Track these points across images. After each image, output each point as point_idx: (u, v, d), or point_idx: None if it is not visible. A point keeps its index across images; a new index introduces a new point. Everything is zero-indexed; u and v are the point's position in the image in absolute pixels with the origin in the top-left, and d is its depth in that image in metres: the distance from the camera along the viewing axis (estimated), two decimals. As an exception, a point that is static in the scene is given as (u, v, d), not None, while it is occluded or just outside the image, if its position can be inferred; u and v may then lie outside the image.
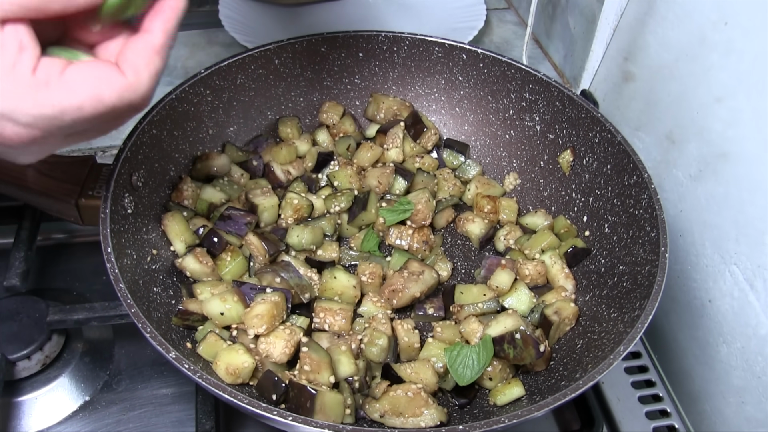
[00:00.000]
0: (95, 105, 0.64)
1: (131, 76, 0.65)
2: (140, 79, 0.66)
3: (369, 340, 0.99)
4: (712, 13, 1.11)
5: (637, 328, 0.88)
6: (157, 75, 0.68)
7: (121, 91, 0.65)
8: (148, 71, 0.66)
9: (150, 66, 0.66)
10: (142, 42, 0.67)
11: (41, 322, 1.06)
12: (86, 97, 0.63)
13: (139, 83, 0.66)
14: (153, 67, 0.67)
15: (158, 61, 0.67)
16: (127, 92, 0.65)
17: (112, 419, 1.07)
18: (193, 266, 1.05)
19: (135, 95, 0.66)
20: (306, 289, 1.03)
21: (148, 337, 0.83)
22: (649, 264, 0.97)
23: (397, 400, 0.92)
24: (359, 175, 1.23)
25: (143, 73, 0.66)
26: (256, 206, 1.12)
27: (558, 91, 1.18)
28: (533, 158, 1.26)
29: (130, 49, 0.67)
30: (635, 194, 1.06)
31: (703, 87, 1.15)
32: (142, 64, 0.66)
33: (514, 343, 0.95)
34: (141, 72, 0.66)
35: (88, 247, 1.29)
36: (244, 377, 0.93)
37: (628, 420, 1.13)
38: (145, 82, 0.66)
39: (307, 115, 1.33)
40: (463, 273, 1.19)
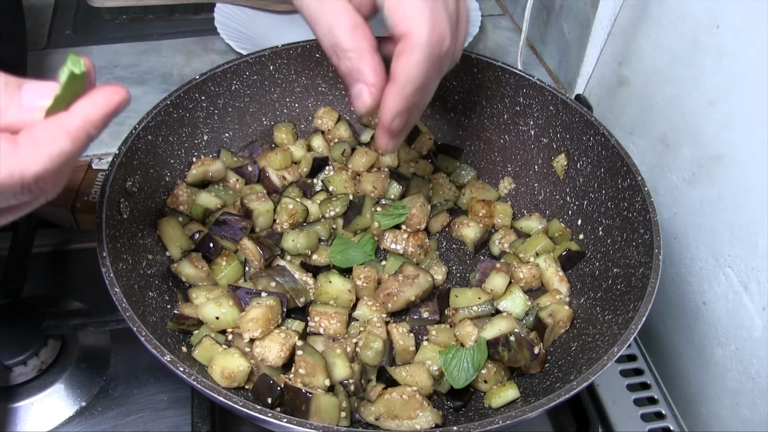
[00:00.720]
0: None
1: (26, 148, 0.57)
2: (38, 153, 0.58)
3: (364, 343, 0.99)
4: (705, 16, 1.11)
5: (630, 329, 0.88)
6: (61, 158, 0.59)
7: (13, 164, 0.57)
8: (48, 148, 0.58)
9: (53, 144, 0.58)
10: (57, 121, 0.60)
11: (37, 327, 1.06)
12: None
13: (36, 157, 0.58)
14: (57, 146, 0.58)
15: (66, 143, 0.59)
16: (17, 165, 0.57)
17: (109, 424, 1.07)
18: (189, 271, 1.05)
19: (27, 170, 0.57)
20: (301, 293, 1.03)
21: (143, 340, 0.83)
22: (642, 266, 0.98)
23: (393, 403, 0.92)
24: (354, 180, 1.23)
25: (42, 148, 0.58)
26: (252, 211, 1.12)
27: (552, 95, 1.19)
28: (527, 162, 1.27)
29: (40, 126, 0.59)
30: (629, 197, 1.06)
31: (696, 90, 1.16)
32: (44, 140, 0.58)
33: (509, 346, 0.96)
34: (40, 147, 0.58)
35: (83, 253, 1.29)
36: (239, 381, 0.93)
37: (624, 422, 1.13)
38: (43, 157, 0.58)
39: (302, 121, 1.33)
40: (458, 277, 1.19)
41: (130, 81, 1.58)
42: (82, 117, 0.60)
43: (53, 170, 0.59)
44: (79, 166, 1.08)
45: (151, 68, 1.62)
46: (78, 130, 0.60)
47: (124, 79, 1.59)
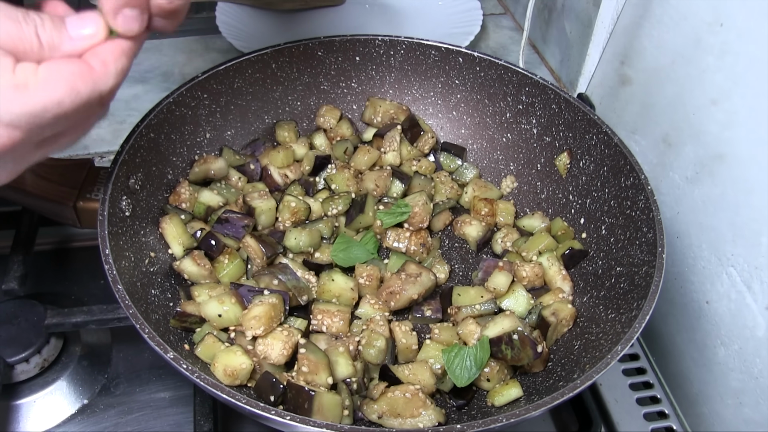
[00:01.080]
0: (73, 98, 0.66)
1: (99, 68, 0.67)
2: (108, 70, 0.68)
3: (367, 341, 0.99)
4: (708, 15, 1.11)
5: (634, 328, 0.88)
6: (123, 72, 0.70)
7: (93, 81, 0.67)
8: (115, 65, 0.69)
9: (117, 62, 0.69)
10: (111, 43, 0.69)
11: (39, 325, 1.06)
12: (64, 91, 0.65)
13: (108, 74, 0.68)
14: (120, 63, 0.69)
15: (125, 60, 0.70)
16: (98, 83, 0.67)
17: (110, 422, 1.07)
18: (191, 269, 1.05)
19: (105, 86, 0.68)
20: (304, 292, 1.03)
21: (146, 337, 0.83)
22: (646, 265, 0.97)
23: (395, 401, 0.92)
24: (356, 178, 1.23)
25: (111, 65, 0.68)
26: (254, 209, 1.12)
27: (555, 93, 1.19)
28: (530, 161, 1.27)
29: (99, 47, 0.69)
30: (632, 196, 1.06)
31: (698, 89, 1.15)
32: (110, 59, 0.68)
33: (512, 344, 0.95)
34: (109, 64, 0.68)
35: (85, 251, 1.29)
36: (242, 379, 0.93)
37: (626, 421, 1.13)
38: (112, 73, 0.68)
39: (304, 119, 1.33)
40: (460, 275, 1.19)
41: (131, 80, 1.58)
42: (129, 41, 0.70)
43: (120, 83, 0.70)
44: (81, 163, 1.08)
45: (152, 67, 1.62)
46: (131, 49, 0.71)
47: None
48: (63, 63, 0.66)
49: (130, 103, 1.52)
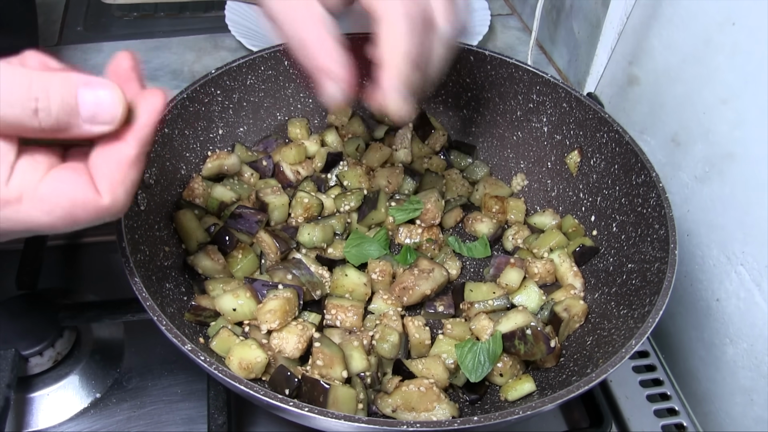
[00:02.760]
0: (68, 225, 0.61)
1: (107, 198, 0.62)
2: (116, 200, 0.62)
3: (380, 336, 1.00)
4: (718, 14, 1.12)
5: (648, 322, 0.89)
6: (134, 187, 0.64)
7: (97, 213, 0.62)
8: (124, 187, 0.63)
9: (126, 181, 0.63)
10: (116, 154, 0.62)
11: (53, 318, 1.07)
12: (60, 217, 0.60)
13: (116, 204, 0.62)
14: (129, 181, 0.63)
15: (134, 173, 0.64)
16: (103, 214, 0.62)
17: (123, 416, 1.07)
18: (205, 263, 1.06)
19: (111, 216, 0.63)
20: (317, 286, 1.03)
21: (164, 329, 0.83)
22: (658, 261, 0.98)
23: (410, 395, 0.92)
24: (368, 175, 1.24)
25: (119, 191, 0.62)
26: (267, 204, 1.13)
27: (565, 92, 1.19)
28: (540, 159, 1.27)
29: (104, 161, 0.62)
30: (643, 193, 1.07)
31: (708, 89, 1.16)
32: (117, 180, 0.62)
33: (525, 339, 0.96)
34: (117, 191, 0.62)
35: (97, 247, 1.30)
36: (256, 372, 0.93)
37: (637, 418, 1.13)
38: (121, 201, 0.63)
39: (315, 117, 1.34)
40: (472, 272, 1.19)
41: (141, 77, 1.58)
42: (136, 142, 0.63)
43: (129, 202, 0.64)
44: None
45: (161, 65, 1.63)
46: (138, 157, 0.64)
47: (135, 75, 1.59)
48: (68, 181, 0.60)
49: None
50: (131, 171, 0.63)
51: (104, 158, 0.63)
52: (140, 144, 0.63)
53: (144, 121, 0.63)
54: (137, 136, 0.63)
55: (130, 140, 0.63)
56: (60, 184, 0.60)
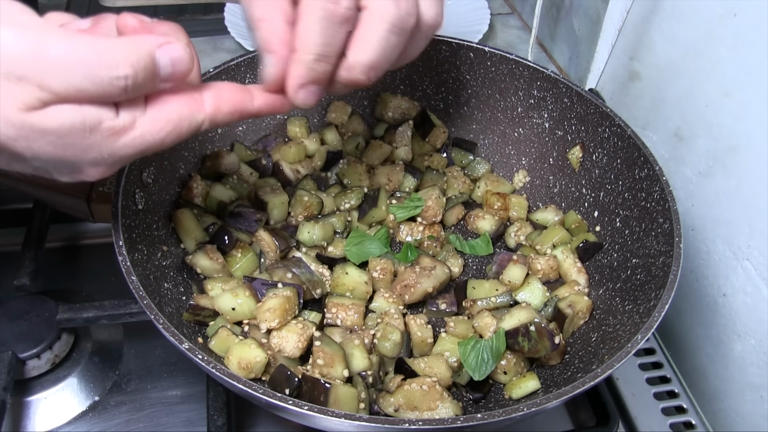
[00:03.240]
0: (175, 138, 0.67)
1: (210, 109, 0.68)
2: (218, 115, 0.69)
3: (382, 334, 0.98)
4: (719, 6, 1.11)
5: (654, 317, 0.87)
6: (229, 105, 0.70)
7: (197, 123, 0.68)
8: (228, 111, 0.70)
9: (232, 112, 0.71)
10: (234, 90, 0.71)
11: (51, 320, 1.05)
12: (169, 132, 0.65)
13: (216, 117, 0.69)
14: (233, 112, 0.71)
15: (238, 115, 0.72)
16: (200, 121, 0.68)
17: (122, 419, 1.05)
18: (204, 263, 1.04)
19: (205, 125, 0.69)
20: (317, 285, 1.02)
21: (161, 328, 0.82)
22: (663, 255, 0.97)
23: (412, 394, 0.91)
24: (369, 173, 1.22)
25: (224, 108, 0.69)
26: (266, 203, 1.12)
27: (566, 87, 1.18)
28: (542, 155, 1.26)
29: (222, 89, 0.70)
30: (646, 187, 1.06)
31: (710, 82, 1.15)
32: (225, 107, 0.70)
33: (529, 336, 0.94)
34: (222, 108, 0.69)
35: (95, 249, 1.29)
36: (256, 372, 0.92)
37: (644, 416, 1.12)
38: (222, 117, 0.69)
39: (315, 115, 1.33)
40: (474, 269, 1.18)
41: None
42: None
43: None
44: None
45: (160, 67, 1.62)
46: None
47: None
48: (173, 101, 0.66)
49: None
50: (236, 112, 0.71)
51: (220, 86, 0.71)
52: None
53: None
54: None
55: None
56: (165, 104, 0.65)
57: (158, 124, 0.64)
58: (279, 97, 0.77)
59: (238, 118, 0.73)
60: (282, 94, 0.76)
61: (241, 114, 0.72)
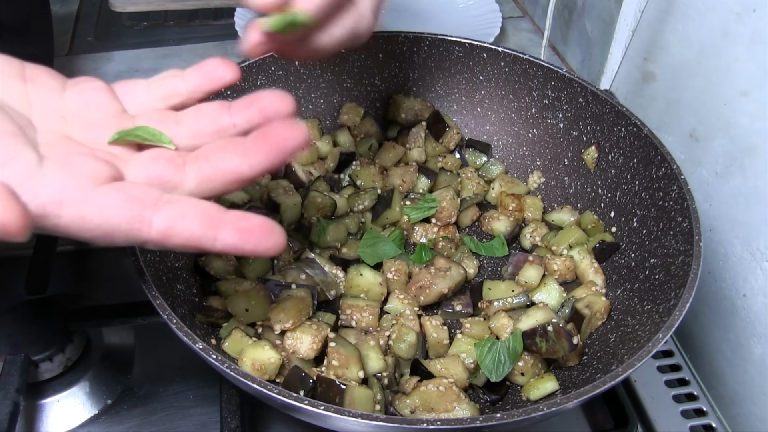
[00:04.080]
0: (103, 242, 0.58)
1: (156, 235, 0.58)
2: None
3: (397, 336, 0.97)
4: (736, 4, 1.10)
5: (674, 315, 0.86)
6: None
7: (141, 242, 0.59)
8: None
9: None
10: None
11: (63, 323, 1.05)
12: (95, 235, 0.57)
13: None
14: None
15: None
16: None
17: (135, 422, 1.04)
18: (216, 264, 1.04)
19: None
20: (331, 286, 1.01)
21: (174, 328, 0.81)
22: (682, 254, 0.95)
23: (429, 396, 0.89)
24: (382, 174, 1.22)
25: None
26: (279, 205, 1.11)
27: (581, 87, 1.17)
28: (557, 156, 1.25)
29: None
30: (664, 186, 1.04)
31: (727, 81, 1.14)
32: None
33: (547, 336, 0.93)
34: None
35: (105, 253, 1.28)
36: (270, 373, 0.91)
37: (663, 419, 1.10)
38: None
39: (327, 117, 1.32)
40: (489, 271, 1.17)
41: (151, 84, 1.58)
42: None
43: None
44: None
45: (171, 72, 1.62)
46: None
47: (145, 82, 1.59)
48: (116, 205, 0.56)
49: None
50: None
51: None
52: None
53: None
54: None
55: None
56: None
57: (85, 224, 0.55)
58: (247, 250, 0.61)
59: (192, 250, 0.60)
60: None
61: (198, 248, 0.59)
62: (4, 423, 0.91)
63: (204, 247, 0.58)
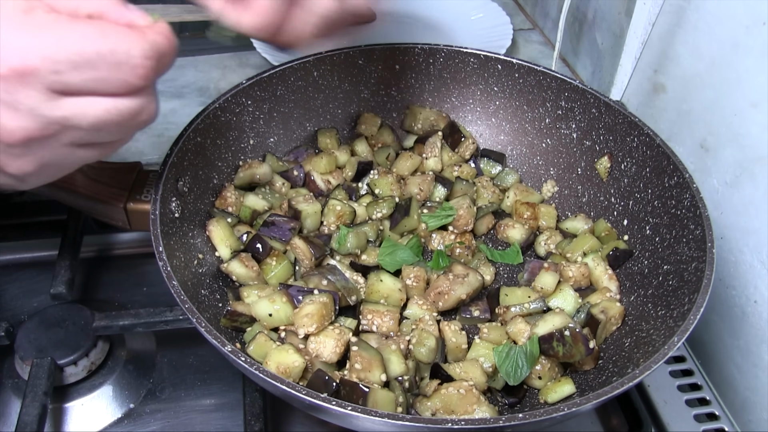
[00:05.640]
0: (97, 41, 0.62)
1: (137, 31, 0.65)
2: (145, 36, 0.65)
3: (417, 340, 0.99)
4: (746, 16, 1.12)
5: (689, 320, 0.88)
6: (160, 49, 0.66)
7: (125, 36, 0.64)
8: (153, 36, 0.66)
9: (156, 36, 0.66)
10: (152, 25, 0.67)
11: (87, 328, 1.07)
12: (90, 33, 0.62)
13: (144, 38, 0.65)
14: (159, 38, 0.66)
15: (164, 40, 0.67)
16: (130, 38, 0.64)
17: (157, 426, 1.06)
18: (239, 270, 1.06)
19: (137, 45, 0.64)
20: (352, 292, 1.03)
21: (203, 331, 0.83)
22: (696, 260, 0.97)
23: (449, 398, 0.91)
24: (399, 183, 1.24)
25: (149, 35, 0.65)
26: (300, 212, 1.13)
27: (594, 97, 1.20)
28: (570, 165, 1.27)
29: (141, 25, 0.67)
30: (676, 195, 1.06)
31: (737, 93, 1.16)
32: (149, 31, 0.66)
33: (564, 341, 0.95)
34: (147, 33, 0.65)
35: (127, 259, 1.30)
36: (294, 377, 0.93)
37: (677, 423, 1.11)
38: (149, 40, 0.65)
39: (345, 127, 1.35)
40: (505, 277, 1.19)
41: (168, 94, 1.61)
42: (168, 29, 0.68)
43: (155, 54, 0.66)
44: (130, 166, 1.10)
45: (188, 82, 1.65)
46: (167, 35, 0.67)
47: (162, 92, 1.60)
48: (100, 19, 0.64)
49: (168, 117, 1.54)
50: (161, 36, 0.67)
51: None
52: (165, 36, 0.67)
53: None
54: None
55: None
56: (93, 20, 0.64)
57: (82, 27, 0.63)
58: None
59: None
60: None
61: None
62: (33, 425, 0.93)
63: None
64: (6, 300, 1.22)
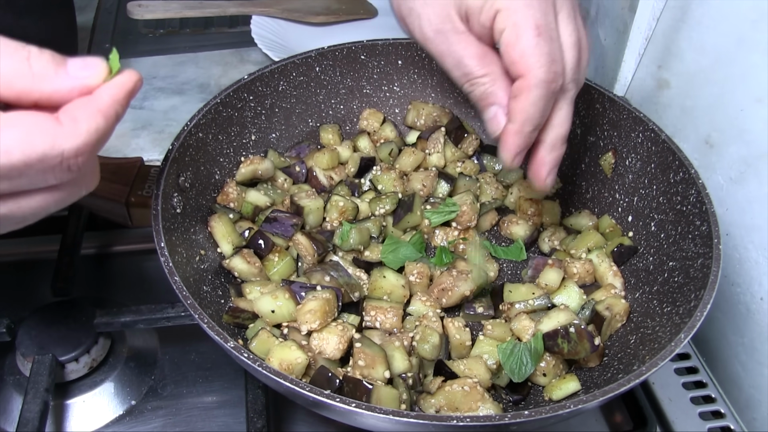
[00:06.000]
0: (24, 149, 0.59)
1: (67, 124, 0.61)
2: (77, 128, 0.61)
3: (421, 337, 0.98)
4: (751, 11, 1.11)
5: (696, 316, 0.87)
6: (98, 133, 0.63)
7: (54, 136, 0.60)
8: (87, 124, 0.62)
9: (91, 120, 0.62)
10: (89, 101, 0.63)
11: (88, 325, 1.07)
12: (17, 139, 0.59)
13: (76, 131, 0.61)
14: (94, 123, 0.62)
15: (101, 120, 0.63)
16: (61, 138, 0.60)
17: (159, 423, 1.06)
18: (241, 266, 1.05)
19: (68, 144, 0.61)
20: (355, 288, 1.02)
21: (206, 327, 0.82)
22: (702, 257, 0.97)
23: (453, 395, 0.91)
24: (402, 179, 1.23)
25: (82, 123, 0.62)
26: (302, 208, 1.12)
27: (598, 93, 1.19)
28: (574, 162, 1.26)
29: (74, 105, 0.63)
30: (682, 191, 1.06)
31: (742, 89, 1.15)
32: (82, 116, 0.62)
33: (568, 337, 0.94)
34: (79, 122, 0.62)
35: (129, 255, 1.30)
36: (297, 373, 0.92)
37: (682, 420, 1.11)
38: (82, 132, 0.62)
39: (347, 123, 1.34)
40: (509, 274, 1.18)
41: (168, 91, 1.60)
42: (110, 96, 0.64)
43: (90, 146, 0.63)
44: (131, 162, 1.09)
45: (188, 79, 1.64)
46: (108, 108, 0.64)
47: (162, 89, 1.61)
48: (27, 113, 0.61)
49: (168, 114, 1.54)
50: (99, 117, 0.63)
51: (74, 104, 0.63)
52: (113, 99, 0.64)
53: (119, 82, 0.65)
54: (111, 93, 0.64)
55: (104, 95, 0.64)
56: (19, 113, 0.61)
57: (5, 129, 0.59)
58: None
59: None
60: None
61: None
62: (35, 421, 0.92)
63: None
64: (7, 297, 1.21)
